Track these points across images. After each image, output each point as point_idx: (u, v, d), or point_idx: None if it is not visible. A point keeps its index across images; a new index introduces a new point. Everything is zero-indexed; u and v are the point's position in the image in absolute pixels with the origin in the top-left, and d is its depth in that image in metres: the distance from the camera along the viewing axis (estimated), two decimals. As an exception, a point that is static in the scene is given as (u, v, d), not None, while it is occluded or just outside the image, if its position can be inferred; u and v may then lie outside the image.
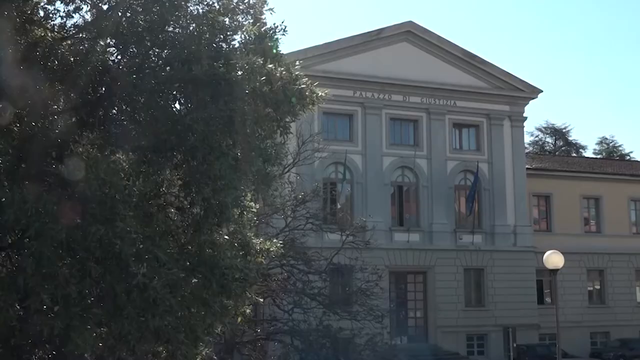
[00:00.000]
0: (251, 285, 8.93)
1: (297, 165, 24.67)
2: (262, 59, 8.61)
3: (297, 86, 8.60)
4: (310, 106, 9.56)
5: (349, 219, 29.74)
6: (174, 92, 9.34)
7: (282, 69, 8.68)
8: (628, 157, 60.70)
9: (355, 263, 25.04)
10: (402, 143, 34.23)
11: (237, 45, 9.73)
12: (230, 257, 8.34)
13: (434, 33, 34.91)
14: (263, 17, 10.10)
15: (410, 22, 34.72)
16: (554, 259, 20.25)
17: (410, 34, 34.59)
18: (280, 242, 11.39)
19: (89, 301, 8.03)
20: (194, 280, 8.48)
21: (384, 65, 33.37)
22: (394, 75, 33.45)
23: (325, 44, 32.76)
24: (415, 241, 33.34)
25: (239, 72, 8.59)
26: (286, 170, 23.30)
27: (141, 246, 7.73)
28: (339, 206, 31.50)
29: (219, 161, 8.29)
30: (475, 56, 35.42)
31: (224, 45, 9.24)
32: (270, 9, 9.47)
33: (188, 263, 8.74)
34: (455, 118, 35.06)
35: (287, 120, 8.95)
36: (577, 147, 63.80)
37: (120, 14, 9.56)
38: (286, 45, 27.45)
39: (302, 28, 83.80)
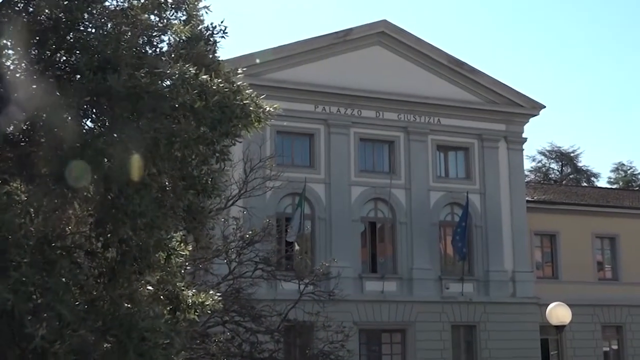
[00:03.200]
0: (178, 352, 8.87)
1: (244, 197, 24.66)
2: (195, 67, 8.66)
3: (238, 101, 8.64)
4: (256, 124, 9.62)
5: (309, 264, 29.74)
6: (85, 107, 9.33)
7: (220, 80, 8.74)
8: (649, 188, 62.06)
9: (316, 319, 24.98)
10: (374, 170, 34.49)
11: (165, 48, 9.79)
12: (152, 315, 8.27)
13: (412, 35, 35.46)
14: (200, 14, 10.21)
15: (384, 21, 35.24)
16: (559, 312, 20.53)
17: (384, 36, 35.08)
18: (218, 294, 11.31)
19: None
20: (107, 344, 8.38)
21: (352, 73, 33.73)
22: (364, 86, 33.82)
23: (279, 47, 33.01)
24: (392, 291, 33.44)
25: (167, 83, 8.63)
26: (229, 203, 23.26)
27: (40, 301, 7.63)
28: (296, 247, 31.50)
29: (139, 194, 8.27)
30: (464, 64, 36.06)
31: (148, 49, 9.29)
32: (206, 7, 9.54)
33: (100, 323, 8.65)
34: (440, 139, 35.53)
35: (225, 144, 8.98)
36: (588, 175, 65.13)
37: (19, 8, 9.54)
38: (229, 49, 27.69)
39: (251, 28, 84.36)
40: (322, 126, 33.63)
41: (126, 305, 8.85)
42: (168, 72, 8.55)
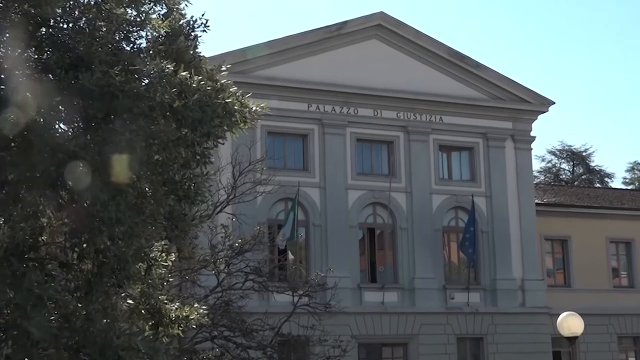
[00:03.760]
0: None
1: (233, 204, 24.63)
2: (175, 64, 8.63)
3: (220, 100, 8.61)
4: (242, 125, 9.60)
5: (304, 274, 29.71)
6: (59, 108, 9.29)
7: (200, 77, 8.70)
8: (667, 188, 62.17)
9: (312, 333, 24.98)
10: (373, 172, 34.45)
11: (143, 44, 9.77)
12: (129, 332, 8.22)
13: (411, 27, 35.43)
14: (181, 6, 10.18)
15: (382, 13, 35.21)
16: (570, 323, 20.48)
17: (382, 29, 35.05)
18: (204, 307, 11.28)
19: None
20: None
21: (347, 69, 33.69)
22: (360, 83, 33.77)
23: (270, 42, 33.00)
24: (393, 302, 33.40)
25: (144, 82, 8.59)
26: (217, 210, 23.22)
27: (7, 317, 7.57)
28: (290, 256, 31.41)
29: (116, 200, 8.22)
30: (467, 57, 36.05)
31: (124, 45, 9.26)
32: (186, -1, 9.54)
33: (77, 339, 8.61)
34: (442, 139, 35.49)
35: (207, 146, 8.95)
36: (602, 176, 65.20)
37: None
38: (218, 45, 27.77)
39: (243, 24, 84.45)
40: (316, 126, 33.56)
41: (104, 320, 8.81)
42: (145, 69, 8.52)
